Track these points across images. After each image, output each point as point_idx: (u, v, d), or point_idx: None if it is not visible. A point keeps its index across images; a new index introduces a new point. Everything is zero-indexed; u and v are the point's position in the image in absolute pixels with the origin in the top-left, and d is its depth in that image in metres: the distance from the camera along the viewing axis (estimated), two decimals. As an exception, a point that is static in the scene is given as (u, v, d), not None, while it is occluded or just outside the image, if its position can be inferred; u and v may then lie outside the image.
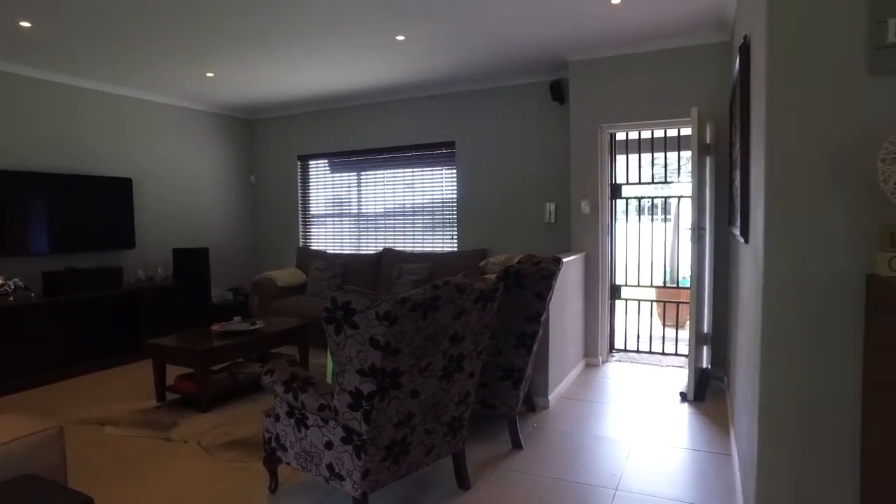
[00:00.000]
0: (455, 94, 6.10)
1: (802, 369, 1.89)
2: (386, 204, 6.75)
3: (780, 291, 1.90)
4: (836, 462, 1.87)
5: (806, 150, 1.85)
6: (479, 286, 2.38)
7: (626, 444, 3.31)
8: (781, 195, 1.89)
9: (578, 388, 4.39)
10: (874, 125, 1.76)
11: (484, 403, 3.22)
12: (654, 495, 2.72)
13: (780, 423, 1.93)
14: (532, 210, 5.71)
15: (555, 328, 4.03)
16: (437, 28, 4.22)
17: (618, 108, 4.84)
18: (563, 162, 5.44)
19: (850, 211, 1.80)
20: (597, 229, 4.94)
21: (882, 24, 1.74)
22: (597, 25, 4.22)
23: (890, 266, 1.67)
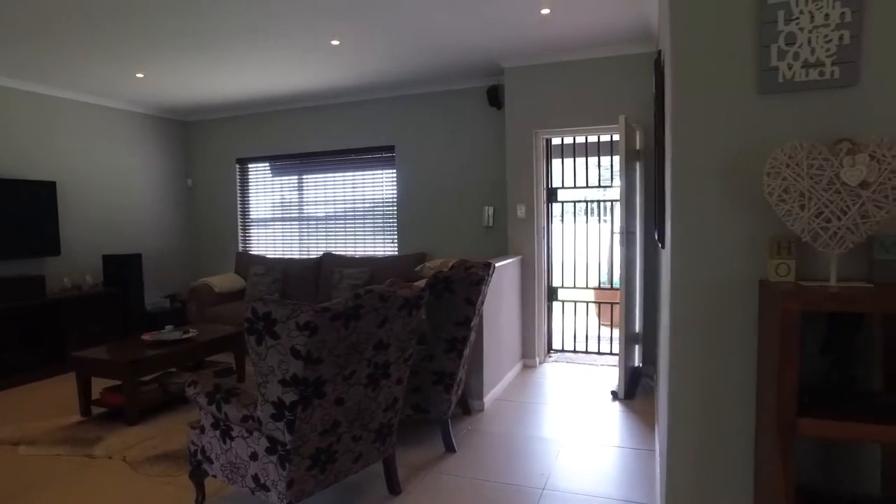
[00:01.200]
0: (395, 99, 6.11)
1: (707, 365, 2.00)
2: (328, 208, 6.70)
3: (686, 294, 2.01)
4: (736, 450, 1.99)
5: (706, 163, 1.96)
6: (402, 294, 2.40)
7: (556, 444, 3.41)
8: (685, 205, 2.00)
9: (515, 389, 4.48)
10: (763, 141, 1.89)
11: (417, 408, 3.25)
12: (579, 493, 2.81)
13: (686, 415, 2.04)
14: (471, 214, 5.79)
15: (490, 331, 4.10)
16: (372, 34, 4.23)
17: (552, 114, 4.96)
18: (501, 166, 5.54)
19: (746, 221, 1.92)
20: (533, 233, 5.05)
21: (766, 49, 1.87)
22: (529, 33, 4.32)
23: (777, 272, 1.80)
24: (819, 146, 1.69)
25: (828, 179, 1.67)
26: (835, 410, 1.63)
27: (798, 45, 1.84)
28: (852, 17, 1.78)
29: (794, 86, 1.85)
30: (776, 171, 1.71)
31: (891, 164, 1.62)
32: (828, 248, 1.69)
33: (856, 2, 1.78)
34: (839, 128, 1.81)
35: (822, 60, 1.82)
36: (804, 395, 1.72)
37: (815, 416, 1.60)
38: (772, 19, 1.86)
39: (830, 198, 1.67)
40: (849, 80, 1.80)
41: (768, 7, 1.86)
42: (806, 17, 1.82)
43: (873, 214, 1.64)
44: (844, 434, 1.58)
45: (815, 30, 1.82)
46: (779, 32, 1.85)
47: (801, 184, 1.69)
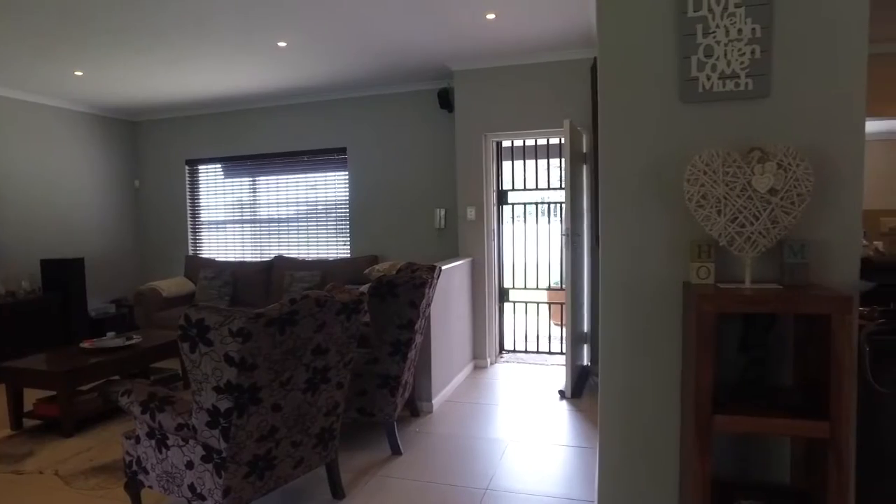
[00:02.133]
0: (346, 100, 6.08)
1: (635, 364, 2.07)
2: (280, 210, 6.61)
3: (616, 295, 2.07)
4: (663, 445, 2.06)
5: (633, 168, 2.03)
6: (341, 299, 2.40)
7: (502, 444, 3.45)
8: (614, 208, 2.06)
9: (465, 390, 4.51)
10: (685, 148, 1.96)
11: (362, 411, 3.24)
12: (521, 492, 2.86)
13: (616, 413, 2.11)
14: (423, 216, 5.81)
15: (438, 333, 4.13)
16: (318, 36, 4.20)
17: (502, 117, 5.02)
18: (453, 168, 5.57)
19: (670, 224, 1.99)
20: (483, 235, 5.10)
21: (686, 60, 1.94)
22: (476, 37, 4.36)
23: (698, 274, 1.87)
24: (734, 154, 1.77)
25: (741, 186, 1.75)
26: (748, 407, 1.71)
27: (715, 58, 1.92)
28: (762, 32, 1.87)
29: (713, 96, 1.93)
30: (695, 177, 1.78)
31: (795, 172, 1.71)
32: (743, 251, 1.77)
33: (765, 18, 1.87)
34: (753, 137, 1.90)
35: (737, 72, 1.90)
36: (723, 392, 1.80)
37: (729, 413, 1.68)
38: (691, 32, 1.94)
39: (744, 204, 1.75)
40: (761, 92, 1.89)
41: (687, 20, 1.94)
42: (722, 31, 1.91)
43: (782, 220, 1.73)
44: (756, 429, 1.66)
45: (731, 43, 1.90)
46: (698, 45, 1.93)
47: (717, 190, 1.76)
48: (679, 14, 1.95)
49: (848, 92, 1.84)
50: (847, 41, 1.83)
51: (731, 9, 1.90)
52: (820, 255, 1.86)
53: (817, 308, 1.57)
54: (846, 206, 1.84)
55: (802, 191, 1.71)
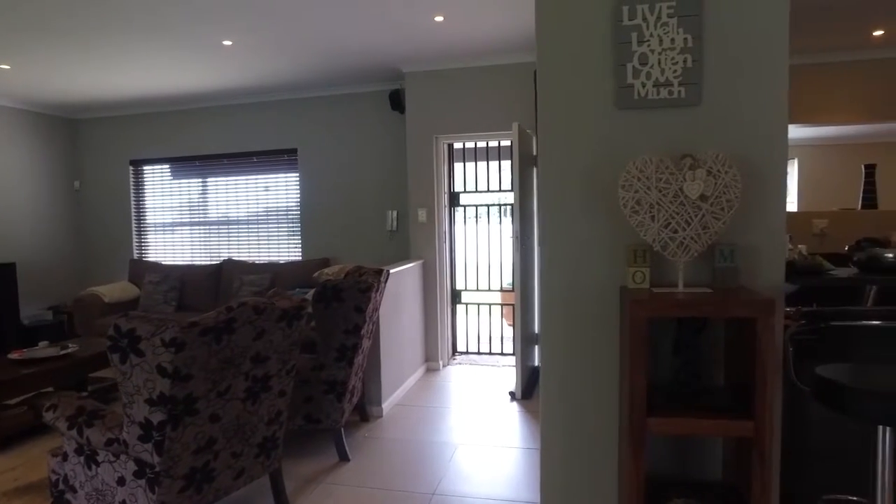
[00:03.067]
0: (297, 101, 5.98)
1: (576, 368, 2.09)
2: (230, 212, 6.44)
3: (556, 299, 2.09)
4: (603, 447, 2.09)
5: (572, 174, 2.05)
6: (281, 305, 2.35)
7: (451, 447, 3.45)
8: (553, 213, 2.08)
9: (416, 393, 4.49)
10: (621, 154, 2.00)
11: (309, 418, 3.19)
12: (468, 496, 2.86)
13: (557, 415, 2.13)
14: (375, 218, 5.76)
15: (388, 337, 4.09)
16: (264, 35, 4.11)
17: (453, 120, 5.03)
18: (404, 170, 5.54)
19: (607, 229, 2.02)
20: (434, 237, 5.09)
21: (622, 67, 1.98)
22: (426, 39, 4.35)
23: (634, 279, 1.90)
24: (666, 161, 1.81)
25: (674, 192, 1.79)
26: (680, 408, 1.75)
27: (650, 66, 1.96)
28: (693, 42, 1.92)
29: (647, 103, 1.97)
30: (629, 183, 1.81)
31: (724, 178, 1.76)
32: (676, 256, 1.81)
33: (695, 29, 1.92)
34: (686, 144, 1.95)
35: (670, 81, 1.95)
36: (657, 394, 1.84)
37: (662, 416, 1.71)
38: (626, 40, 1.97)
39: (676, 209, 1.79)
40: (693, 100, 1.94)
41: (623, 28, 1.97)
42: (655, 40, 1.95)
43: (712, 225, 1.78)
44: (687, 430, 1.70)
45: (664, 52, 1.94)
46: (633, 52, 1.97)
47: (650, 196, 1.80)
48: (615, 22, 1.98)
49: (771, 101, 1.90)
50: (769, 52, 1.90)
51: (665, 18, 1.94)
52: (748, 259, 1.92)
53: (743, 311, 1.62)
54: (771, 212, 1.91)
55: (731, 197, 1.77)
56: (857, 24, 4.20)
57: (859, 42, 4.59)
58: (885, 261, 1.97)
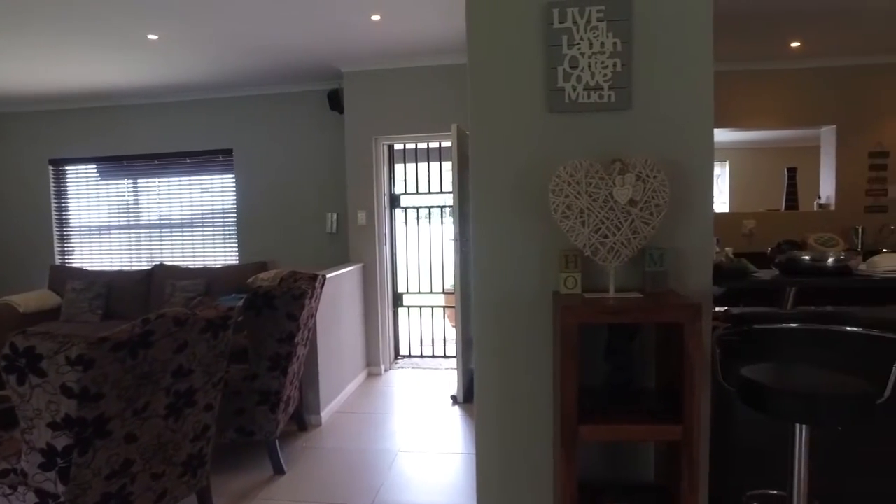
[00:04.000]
0: (231, 99, 5.75)
1: (511, 374, 2.06)
2: (162, 215, 6.14)
3: (489, 305, 2.06)
4: (539, 453, 2.07)
5: (504, 178, 2.02)
6: (205, 315, 2.22)
7: (391, 455, 3.38)
8: (487, 217, 2.04)
9: (356, 400, 4.39)
10: (553, 158, 1.98)
11: (241, 431, 3.05)
12: (407, 504, 2.80)
13: (492, 423, 2.09)
14: (314, 220, 5.61)
15: (326, 343, 3.98)
16: (192, 31, 3.92)
17: (392, 120, 4.95)
18: (344, 172, 5.42)
19: (540, 234, 2.00)
20: (374, 239, 5.00)
21: (553, 70, 1.96)
22: (363, 38, 4.26)
23: (566, 285, 1.89)
24: (596, 165, 1.80)
25: (604, 197, 1.78)
26: (612, 414, 1.74)
27: (580, 69, 1.95)
28: (622, 47, 1.93)
29: (578, 106, 1.96)
30: (559, 188, 1.80)
31: (653, 183, 1.76)
32: (606, 261, 1.81)
33: (625, 34, 1.92)
34: (617, 148, 1.96)
35: (600, 84, 1.95)
36: (589, 399, 1.83)
37: (593, 423, 1.70)
38: (557, 43, 1.96)
39: (606, 214, 1.78)
40: (623, 105, 1.94)
41: (554, 31, 1.96)
42: (586, 44, 1.94)
43: (642, 230, 1.78)
44: (618, 436, 1.70)
45: (594, 56, 1.94)
46: (564, 55, 1.96)
47: (581, 201, 1.79)
48: (546, 24, 1.96)
49: (698, 106, 1.93)
50: (696, 58, 1.92)
51: (594, 22, 1.94)
52: (678, 263, 1.95)
53: (671, 317, 1.62)
54: (699, 215, 1.94)
55: (660, 201, 1.77)
56: (776, 36, 4.39)
57: (779, 52, 4.80)
58: (803, 263, 2.03)
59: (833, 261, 2.01)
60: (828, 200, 5.18)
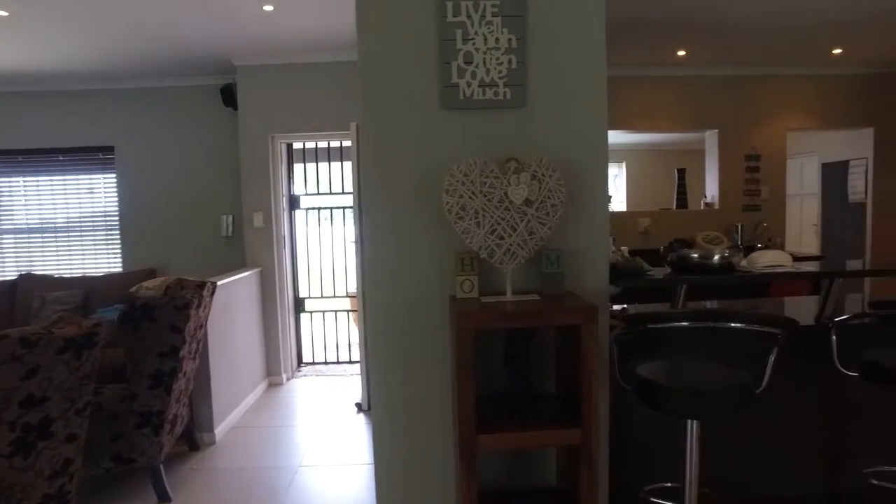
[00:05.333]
0: (112, 92, 5.26)
1: (409, 380, 1.96)
2: (29, 219, 5.51)
3: (383, 311, 1.95)
4: (440, 464, 1.99)
5: (396, 178, 1.91)
6: (64, 333, 1.95)
7: (290, 471, 3.18)
8: (380, 219, 1.93)
9: (255, 413, 4.14)
10: (448, 156, 1.90)
11: (119, 459, 2.75)
12: (307, 525, 2.64)
13: (390, 433, 1.99)
14: (208, 223, 5.25)
15: (220, 354, 3.71)
16: (50, 6, 3.50)
17: (291, 118, 4.72)
18: (239, 171, 5.11)
19: (436, 236, 1.92)
20: (272, 242, 4.75)
21: (447, 65, 1.89)
22: (256, 30, 4.01)
23: (462, 288, 1.82)
24: (491, 164, 1.74)
25: (499, 197, 1.72)
26: (511, 422, 1.69)
27: (475, 65, 1.89)
28: (517, 43, 1.88)
29: (473, 103, 1.90)
30: (453, 188, 1.72)
31: (549, 183, 1.73)
32: (503, 263, 1.75)
33: (519, 30, 1.88)
34: (513, 147, 1.91)
35: (495, 81, 1.89)
36: (488, 407, 1.77)
37: (492, 431, 1.64)
38: (451, 37, 1.88)
39: (502, 215, 1.73)
40: (518, 102, 1.90)
41: (448, 25, 1.88)
42: (480, 39, 1.88)
43: (538, 230, 1.74)
44: (518, 444, 1.64)
45: (489, 51, 1.88)
46: (458, 51, 1.88)
47: (475, 201, 1.72)
48: (439, 18, 1.88)
49: (592, 106, 1.92)
50: (590, 58, 1.92)
51: (489, 17, 1.88)
52: (575, 263, 1.93)
53: (567, 319, 1.59)
54: (595, 215, 1.93)
55: (556, 201, 1.74)
56: (665, 45, 4.60)
57: (668, 60, 5.05)
58: (692, 261, 2.09)
59: (718, 258, 2.09)
60: (713, 200, 5.52)
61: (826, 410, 2.25)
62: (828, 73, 5.43)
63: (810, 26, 4.24)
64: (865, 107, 5.53)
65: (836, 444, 2.26)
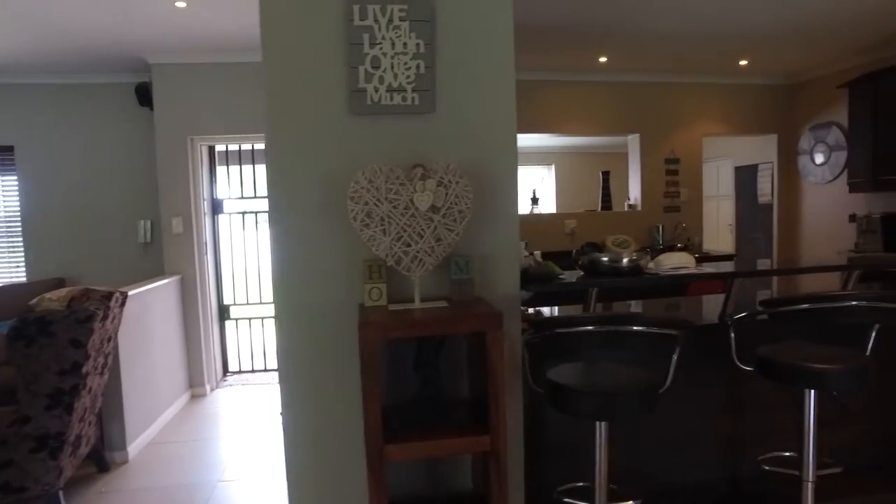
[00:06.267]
0: (12, 87, 4.90)
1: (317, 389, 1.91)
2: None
3: (293, 320, 1.90)
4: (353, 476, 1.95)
5: (305, 184, 1.86)
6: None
7: (209, 487, 3.06)
8: (287, 226, 1.87)
9: (176, 426, 3.96)
10: (356, 162, 1.87)
11: (7, 488, 2.54)
12: (222, 544, 2.54)
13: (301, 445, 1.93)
14: (125, 229, 4.98)
15: (133, 368, 3.53)
16: (-59, 1, 3.24)
17: (211, 120, 4.54)
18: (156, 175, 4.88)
19: (345, 244, 1.88)
20: (193, 248, 4.56)
21: (355, 70, 1.85)
22: (170, 27, 3.84)
23: (371, 296, 1.79)
24: (397, 170, 1.72)
25: (405, 204, 1.71)
26: (420, 431, 1.67)
27: (383, 70, 1.86)
28: (426, 48, 1.87)
29: (381, 109, 1.87)
30: (358, 195, 1.69)
31: (456, 189, 1.73)
32: (410, 271, 1.74)
33: (427, 35, 1.87)
34: (421, 152, 1.90)
35: (404, 86, 1.87)
36: (398, 416, 1.75)
37: (400, 441, 1.61)
38: (358, 41, 1.85)
39: (408, 222, 1.71)
40: (427, 108, 1.89)
41: (355, 29, 1.85)
42: (388, 43, 1.86)
43: (445, 237, 1.74)
44: (427, 453, 1.63)
45: (397, 56, 1.86)
46: (365, 55, 1.85)
47: (381, 208, 1.69)
48: (346, 21, 1.85)
49: (501, 110, 1.94)
50: (498, 63, 1.93)
51: (397, 21, 1.86)
52: (485, 269, 1.94)
53: (473, 326, 1.59)
54: (504, 221, 1.95)
55: (463, 207, 1.74)
56: (587, 51, 4.73)
57: (591, 66, 5.19)
58: (602, 264, 2.14)
59: (627, 261, 2.15)
60: (636, 201, 5.72)
61: (727, 403, 2.37)
62: (737, 83, 5.74)
63: (719, 38, 4.46)
64: (770, 115, 5.87)
65: (736, 434, 2.37)
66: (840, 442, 2.46)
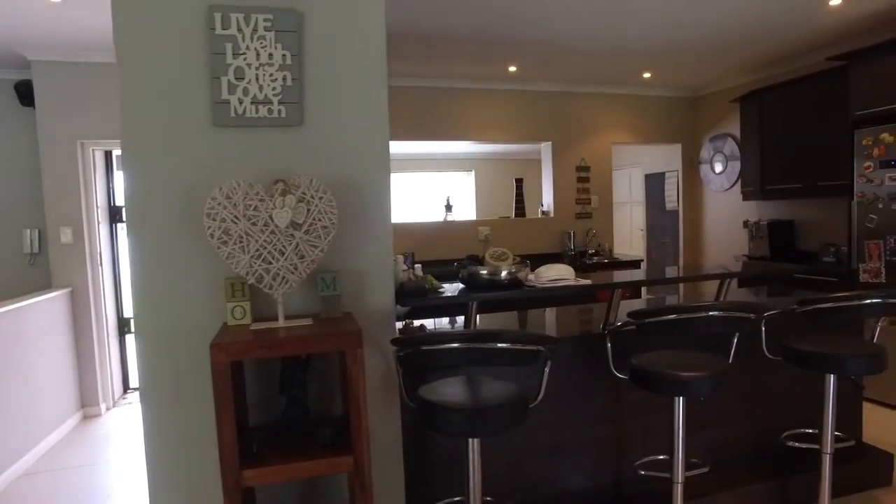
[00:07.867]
0: None
1: (178, 412, 1.83)
2: None
3: (152, 342, 1.80)
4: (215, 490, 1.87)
5: (164, 198, 1.78)
6: None
7: (88, 516, 2.87)
8: (144, 242, 1.78)
9: (58, 453, 3.69)
10: (219, 177, 1.79)
11: None
12: (94, 578, 2.38)
13: (163, 465, 1.84)
14: (7, 239, 4.62)
15: (3, 392, 3.27)
16: None
17: (104, 123, 4.28)
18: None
19: (207, 262, 1.80)
20: (85, 259, 4.29)
21: (217, 80, 1.78)
22: (46, 23, 3.59)
23: (233, 315, 1.72)
24: (256, 186, 1.67)
25: (264, 221, 1.65)
26: (282, 453, 1.62)
27: (247, 81, 1.80)
28: (293, 60, 1.83)
29: (246, 121, 1.81)
30: (215, 211, 1.62)
31: (319, 205, 1.69)
32: (273, 289, 1.68)
33: (294, 46, 1.83)
34: (289, 167, 1.85)
35: (270, 98, 1.82)
36: (261, 438, 1.69)
37: (259, 465, 1.56)
38: (221, 51, 1.78)
39: (268, 239, 1.66)
40: (294, 120, 1.84)
41: (217, 38, 1.78)
42: (252, 54, 1.80)
43: (309, 254, 1.70)
44: (288, 476, 1.58)
45: (262, 67, 1.81)
46: (228, 65, 1.79)
47: (239, 225, 1.64)
48: (208, 29, 1.78)
49: (373, 122, 1.92)
50: (369, 74, 1.91)
51: (262, 31, 1.81)
52: (358, 284, 1.91)
53: (331, 346, 1.56)
54: (376, 234, 1.93)
55: (327, 223, 1.71)
56: (496, 60, 4.79)
57: (502, 74, 5.27)
58: (482, 278, 2.16)
59: (506, 274, 2.17)
60: (548, 208, 5.85)
61: (608, 410, 2.44)
62: (643, 94, 5.98)
63: (621, 52, 4.63)
64: (674, 125, 6.16)
65: (617, 440, 2.45)
66: (709, 441, 2.59)
